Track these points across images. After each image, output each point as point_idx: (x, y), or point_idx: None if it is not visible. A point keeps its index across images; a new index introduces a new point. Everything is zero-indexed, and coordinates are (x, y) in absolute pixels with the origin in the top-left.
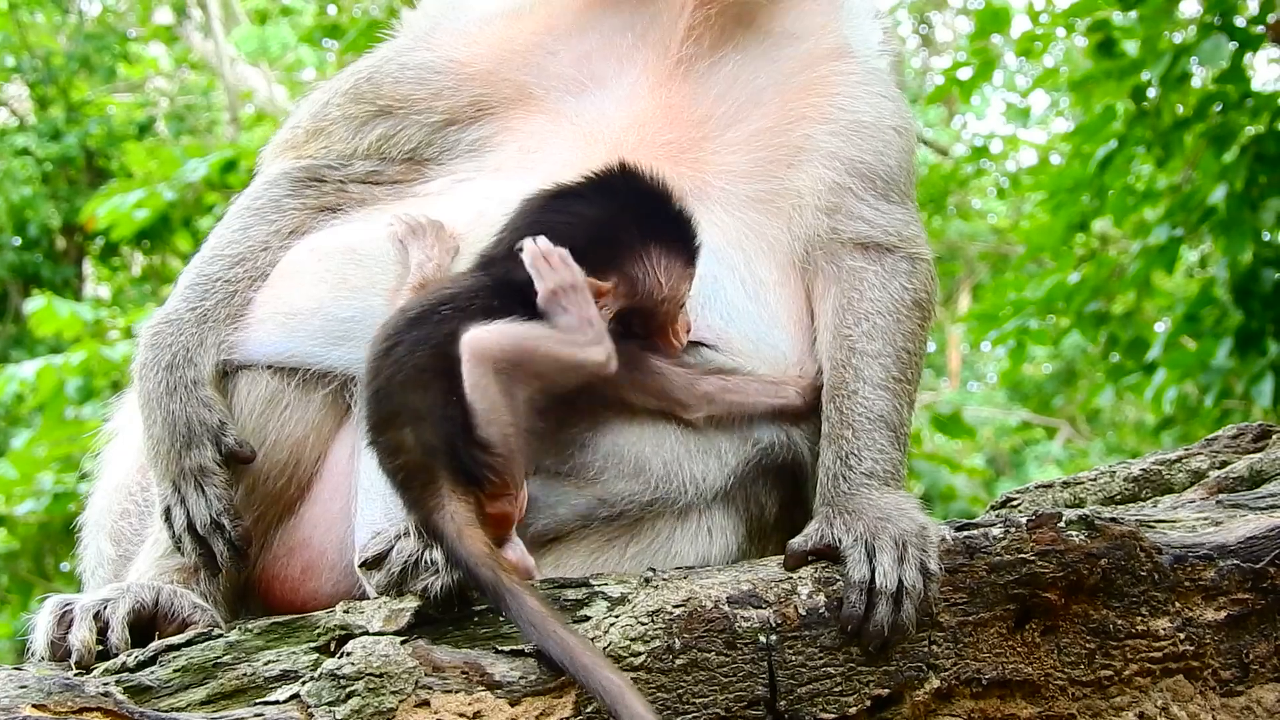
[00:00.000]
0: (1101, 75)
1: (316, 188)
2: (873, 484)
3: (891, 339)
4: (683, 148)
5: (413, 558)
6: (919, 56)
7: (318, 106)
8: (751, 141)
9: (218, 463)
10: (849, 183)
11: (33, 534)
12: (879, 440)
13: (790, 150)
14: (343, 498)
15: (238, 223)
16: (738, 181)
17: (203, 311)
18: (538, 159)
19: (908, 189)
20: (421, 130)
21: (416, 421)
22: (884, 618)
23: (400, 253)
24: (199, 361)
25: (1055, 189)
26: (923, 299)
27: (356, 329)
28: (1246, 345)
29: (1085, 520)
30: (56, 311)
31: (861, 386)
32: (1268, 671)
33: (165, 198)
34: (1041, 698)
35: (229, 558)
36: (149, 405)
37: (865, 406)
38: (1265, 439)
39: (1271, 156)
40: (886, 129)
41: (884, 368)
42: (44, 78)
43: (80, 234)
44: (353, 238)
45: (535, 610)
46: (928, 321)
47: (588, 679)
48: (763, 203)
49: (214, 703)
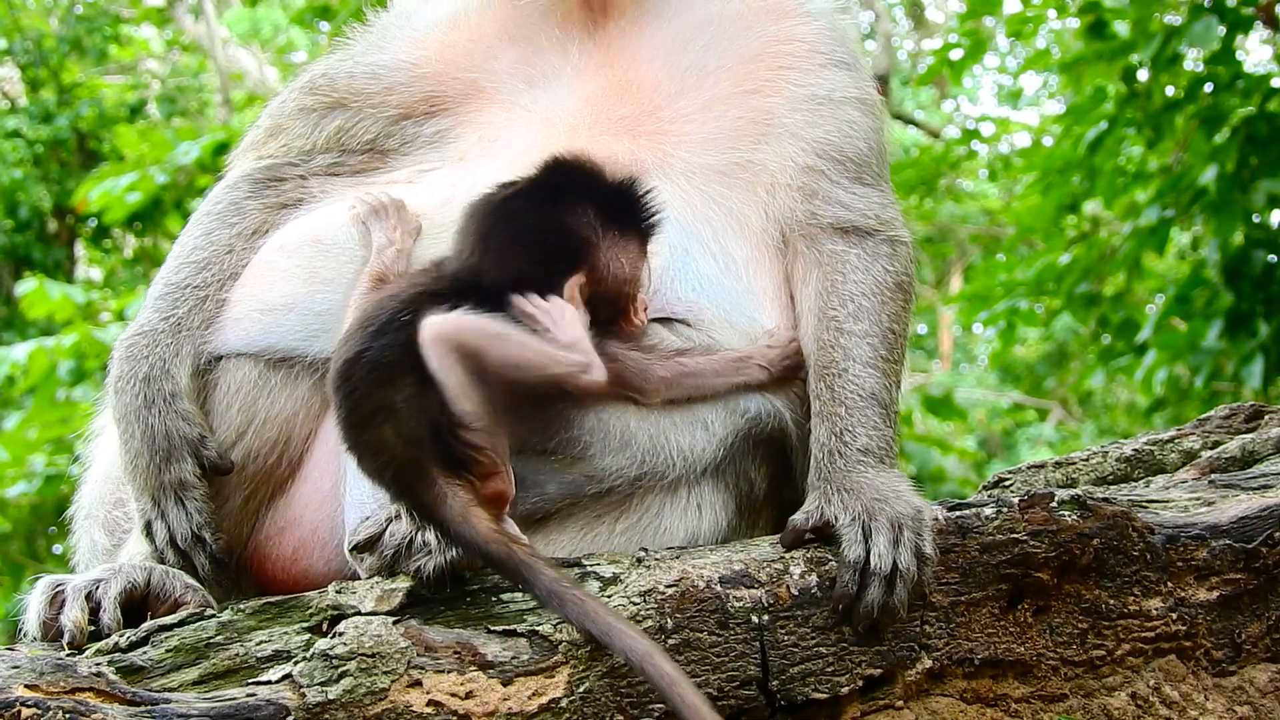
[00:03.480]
0: (1092, 57)
1: (276, 187)
2: (868, 461)
3: (877, 319)
4: (639, 119)
5: (405, 540)
6: (911, 38)
7: (275, 105)
8: (708, 111)
9: (197, 476)
10: (820, 165)
11: (24, 516)
12: (871, 417)
13: (751, 124)
14: (333, 476)
15: (200, 229)
16: (700, 152)
17: (176, 320)
18: (499, 147)
19: (881, 169)
20: (378, 123)
21: (393, 416)
22: (875, 599)
23: (363, 234)
24: (175, 373)
25: (1046, 170)
26: (904, 282)
27: (333, 321)
28: (1237, 326)
29: (1078, 500)
30: (48, 294)
31: (851, 365)
32: (1260, 651)
33: (157, 181)
34: (1034, 678)
35: (210, 570)
36: (126, 419)
37: (856, 384)
38: (1257, 419)
39: (1262, 138)
40: (848, 104)
41: (872, 347)
42: (35, 60)
43: (72, 216)
44: (318, 228)
45: (554, 579)
46: (910, 304)
47: (612, 642)
48: (728, 175)
49: (206, 683)
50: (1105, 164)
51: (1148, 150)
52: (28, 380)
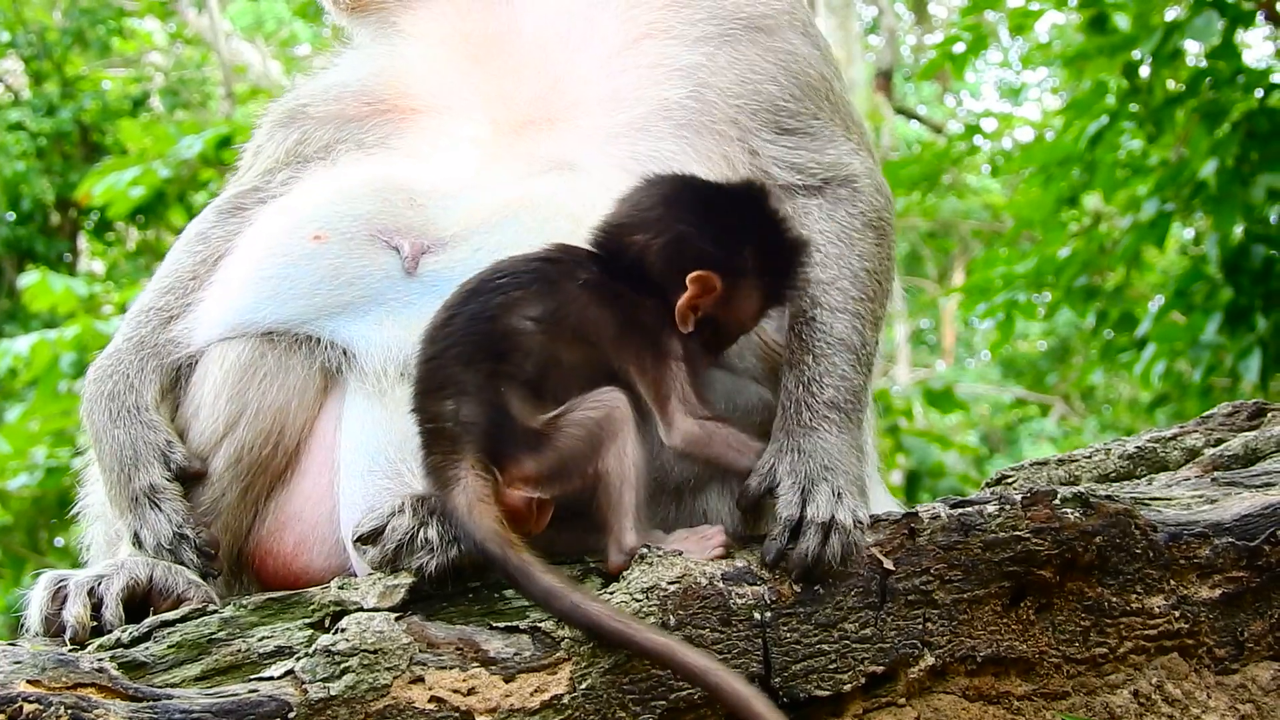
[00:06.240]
0: (1094, 51)
1: (239, 214)
2: (833, 418)
3: (847, 264)
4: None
5: (408, 535)
6: (914, 33)
7: (254, 137)
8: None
9: (168, 479)
10: (744, 122)
11: (26, 508)
12: (840, 365)
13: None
14: (331, 471)
15: (168, 260)
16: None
17: (139, 340)
18: (434, 150)
19: (805, 104)
20: (327, 128)
21: (461, 396)
22: (810, 548)
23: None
24: (139, 386)
25: (1045, 163)
26: (873, 218)
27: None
28: (1236, 321)
29: (1080, 498)
30: (51, 286)
31: (819, 312)
32: (1262, 649)
33: (160, 175)
34: (1036, 675)
35: (199, 563)
36: (98, 438)
37: (825, 331)
38: (1260, 417)
39: (1263, 133)
40: (740, 36)
41: (841, 291)
42: (39, 52)
43: (75, 209)
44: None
45: (548, 585)
46: (885, 238)
47: (629, 643)
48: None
49: (209, 679)
50: (1105, 157)
51: (1148, 144)
52: (30, 373)
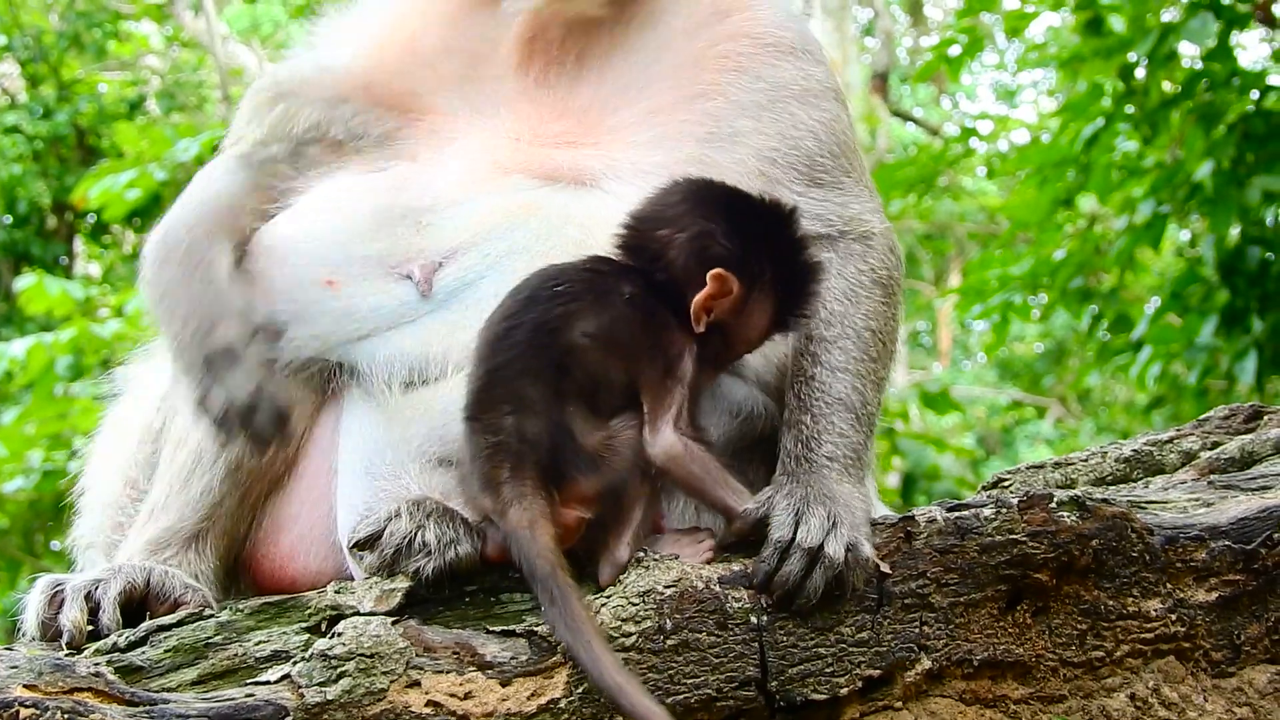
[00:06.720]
0: (1089, 53)
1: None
2: (833, 467)
3: (850, 323)
4: (578, 134)
5: (406, 538)
6: (910, 35)
7: (236, 119)
8: (652, 118)
9: (247, 339)
10: (773, 173)
11: (22, 511)
12: (838, 424)
13: (697, 125)
14: (328, 475)
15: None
16: (647, 152)
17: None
18: (447, 153)
19: (842, 160)
20: (316, 107)
21: (524, 411)
22: (793, 572)
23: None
24: (213, 248)
25: (1041, 164)
26: (882, 276)
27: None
28: (1232, 323)
29: (1077, 501)
30: (47, 289)
31: (819, 371)
32: (1259, 653)
33: (157, 178)
34: (1033, 679)
35: (273, 430)
36: (166, 299)
37: (823, 391)
38: (1256, 420)
39: (1258, 135)
40: (793, 100)
41: (843, 351)
42: (35, 55)
43: (71, 212)
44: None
45: (579, 616)
46: (892, 297)
47: (616, 701)
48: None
49: (205, 683)
50: (1100, 159)
51: (1144, 146)
52: (26, 375)
